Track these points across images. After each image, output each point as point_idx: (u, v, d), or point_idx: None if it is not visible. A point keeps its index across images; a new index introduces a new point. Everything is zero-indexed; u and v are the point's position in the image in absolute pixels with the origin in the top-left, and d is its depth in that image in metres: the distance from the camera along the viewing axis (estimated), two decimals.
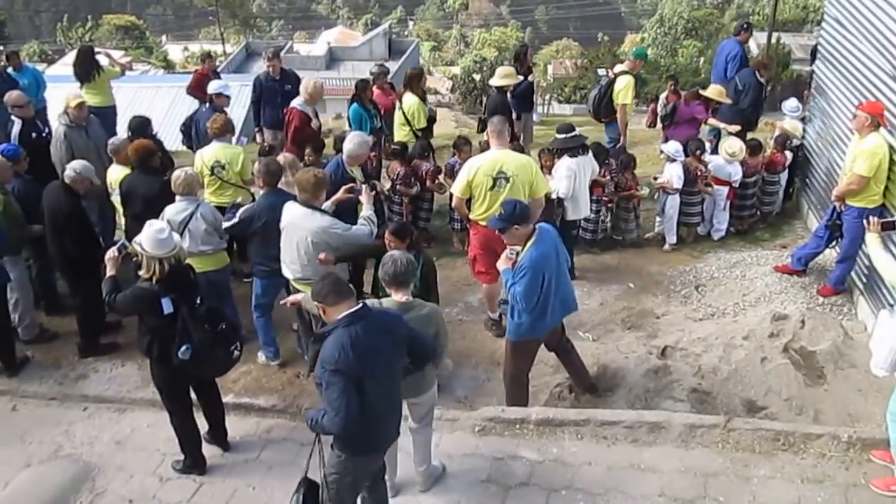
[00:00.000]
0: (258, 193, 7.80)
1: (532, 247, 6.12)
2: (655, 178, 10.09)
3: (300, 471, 6.05)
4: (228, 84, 10.78)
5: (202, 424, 6.43)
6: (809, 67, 12.63)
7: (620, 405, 7.00)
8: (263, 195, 7.29)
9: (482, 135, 11.07)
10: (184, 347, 5.66)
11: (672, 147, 9.84)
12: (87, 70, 11.08)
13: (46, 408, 7.38)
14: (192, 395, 6.29)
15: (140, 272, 5.74)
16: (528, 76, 12.48)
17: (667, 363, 7.49)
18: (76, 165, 7.75)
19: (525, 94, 11.90)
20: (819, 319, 7.91)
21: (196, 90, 12.63)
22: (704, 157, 10.00)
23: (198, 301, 5.87)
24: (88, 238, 7.78)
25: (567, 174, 8.68)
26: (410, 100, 10.92)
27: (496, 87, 10.88)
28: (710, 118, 10.97)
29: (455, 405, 7.15)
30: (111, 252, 5.96)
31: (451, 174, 9.79)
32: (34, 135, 9.22)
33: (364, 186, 7.21)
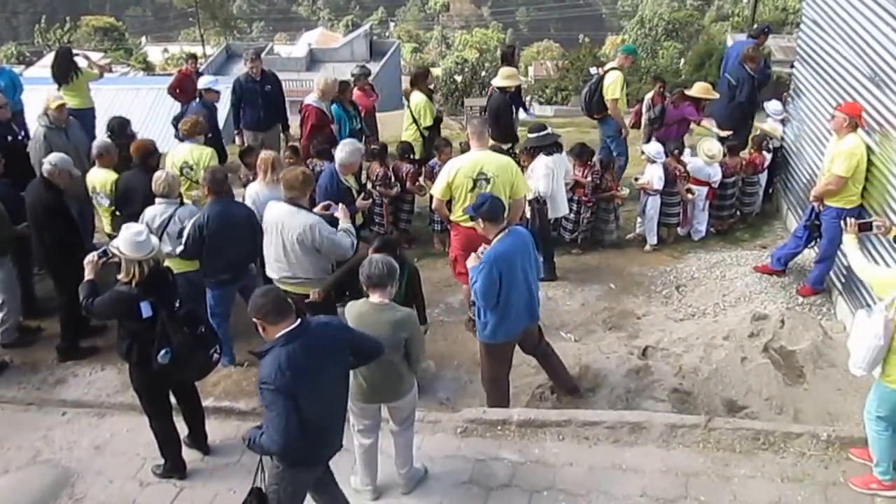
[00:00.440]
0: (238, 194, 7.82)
1: (495, 244, 6.18)
2: (636, 179, 10.13)
3: None
4: (218, 79, 10.70)
5: (182, 428, 6.38)
6: (789, 69, 12.71)
7: (602, 406, 7.01)
8: (209, 204, 7.16)
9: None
10: (163, 351, 5.61)
11: (653, 148, 9.88)
12: (66, 72, 10.98)
13: (25, 413, 7.29)
14: (172, 399, 6.24)
15: (119, 276, 5.70)
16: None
17: (648, 363, 7.52)
18: (52, 158, 7.72)
19: (512, 95, 11.90)
20: (798, 319, 7.96)
21: (177, 90, 12.55)
22: (683, 159, 10.06)
23: (177, 304, 5.83)
24: (71, 232, 7.74)
25: (545, 172, 8.70)
26: (417, 98, 10.92)
27: (498, 88, 10.85)
28: (704, 120, 11.03)
29: (437, 407, 7.15)
30: (91, 256, 5.91)
31: (432, 176, 9.78)
32: (9, 137, 9.13)
33: (341, 206, 7.04)
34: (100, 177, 8.20)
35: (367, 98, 12.13)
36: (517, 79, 11.27)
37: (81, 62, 11.30)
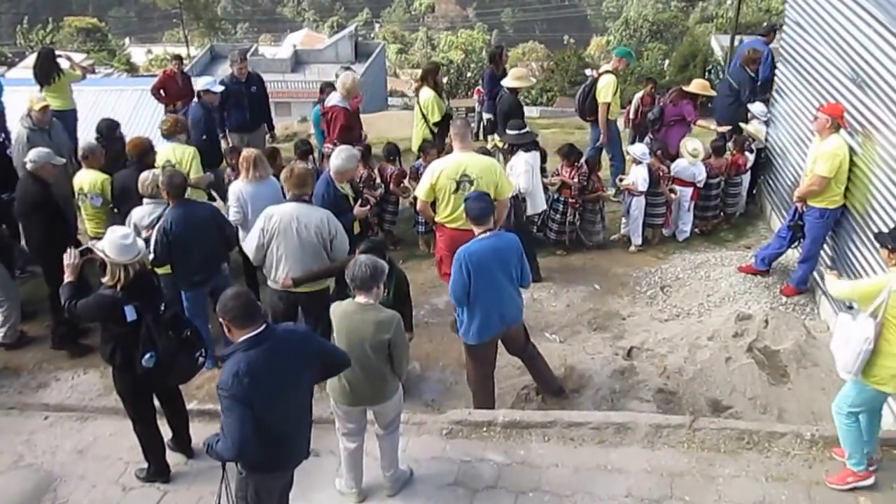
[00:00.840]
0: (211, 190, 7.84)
1: (471, 242, 6.29)
2: (621, 180, 10.15)
3: None
4: (216, 81, 10.67)
5: (166, 432, 6.34)
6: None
7: (587, 406, 7.03)
8: (171, 208, 7.11)
9: (492, 139, 11.09)
10: (148, 355, 5.57)
11: (638, 149, 9.89)
12: (47, 73, 10.89)
13: (6, 417, 7.22)
14: (156, 402, 6.20)
15: (103, 278, 5.65)
16: (504, 77, 12.49)
17: (633, 364, 7.54)
18: (31, 155, 7.79)
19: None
20: (782, 319, 8.01)
21: (161, 91, 12.48)
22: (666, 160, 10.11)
23: (162, 308, 5.79)
24: (60, 224, 7.77)
25: (525, 168, 8.72)
26: (426, 94, 10.91)
27: (508, 89, 10.81)
28: (700, 120, 11.07)
29: (422, 408, 7.14)
30: (71, 256, 5.86)
31: (417, 177, 9.76)
32: None
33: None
34: (88, 178, 8.17)
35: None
36: (528, 80, 11.25)
37: (64, 63, 11.22)
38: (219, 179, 9.71)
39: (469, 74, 46.52)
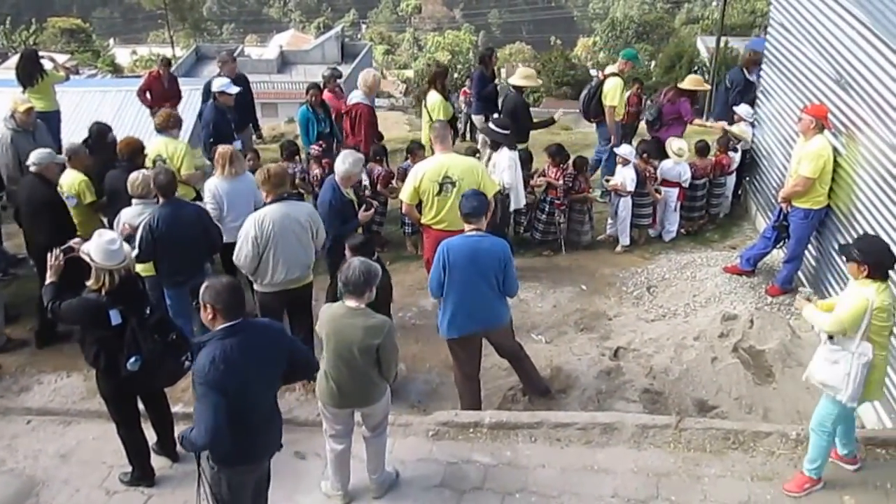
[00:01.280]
0: (203, 188, 7.86)
1: (455, 237, 6.35)
2: (608, 181, 10.16)
3: None
4: (231, 82, 10.65)
5: (150, 435, 6.29)
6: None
7: (573, 407, 7.03)
8: (159, 206, 7.13)
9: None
10: (133, 359, 5.53)
11: (625, 150, 9.91)
12: (31, 74, 10.82)
13: None
14: (140, 406, 6.15)
15: (88, 283, 5.61)
16: (494, 79, 12.47)
17: (619, 364, 7.55)
18: (34, 158, 7.83)
19: (491, 97, 11.92)
20: (767, 319, 8.04)
21: (146, 92, 12.40)
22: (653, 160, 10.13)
23: (147, 312, 5.75)
24: (66, 224, 7.72)
25: (509, 164, 8.75)
26: (434, 97, 10.91)
27: (514, 87, 10.82)
28: (696, 119, 11.11)
29: (408, 410, 7.13)
30: (54, 257, 5.82)
31: (405, 178, 9.74)
32: None
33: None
34: (67, 178, 8.16)
35: (338, 100, 12.07)
36: (535, 79, 11.25)
37: (47, 64, 11.15)
38: None
39: (456, 75, 46.45)
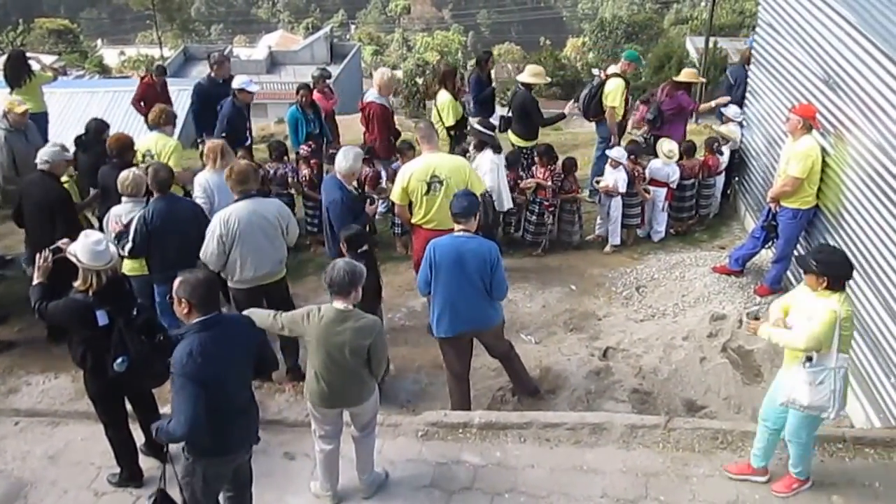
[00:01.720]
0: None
1: (446, 236, 6.38)
2: (598, 182, 10.15)
3: None
4: (252, 80, 10.69)
5: (138, 436, 6.26)
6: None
7: (563, 407, 7.04)
8: (154, 200, 7.10)
9: (505, 135, 11.09)
10: (119, 360, 5.50)
11: (617, 153, 9.93)
12: (18, 75, 10.75)
13: None
14: (128, 407, 6.13)
15: (75, 283, 5.58)
16: (491, 82, 12.42)
17: (608, 364, 7.56)
18: (44, 155, 7.81)
19: (487, 100, 11.91)
20: None
21: (141, 102, 12.32)
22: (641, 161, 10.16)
23: (134, 312, 5.72)
24: (76, 221, 7.79)
25: (491, 167, 8.78)
26: (444, 97, 10.91)
27: (523, 84, 10.83)
28: (701, 105, 11.19)
29: (398, 410, 7.12)
30: (43, 258, 5.79)
31: (394, 178, 9.74)
32: None
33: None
34: None
35: (327, 101, 12.06)
36: (544, 77, 11.25)
37: (34, 65, 11.09)
38: None
39: None
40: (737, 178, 10.90)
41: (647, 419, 6.54)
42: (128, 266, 7.08)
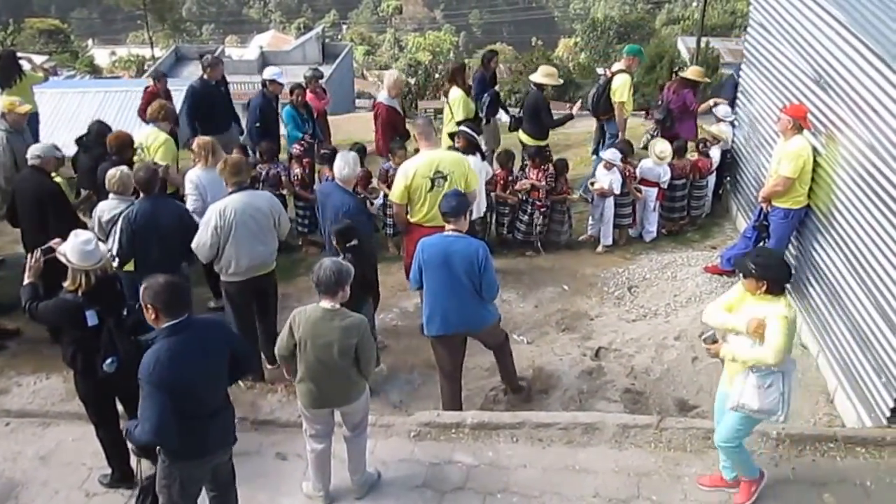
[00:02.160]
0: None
1: (435, 235, 6.40)
2: (592, 184, 10.14)
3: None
4: (282, 71, 10.75)
5: None
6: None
7: (555, 407, 7.05)
8: (140, 200, 7.07)
9: (516, 133, 11.18)
10: (109, 360, 5.49)
11: (611, 154, 9.95)
12: (9, 75, 10.71)
13: None
14: (119, 407, 6.10)
15: (65, 283, 5.56)
16: (495, 83, 12.38)
17: (600, 364, 7.57)
18: (36, 151, 7.86)
19: (492, 100, 11.90)
20: None
21: (146, 112, 12.24)
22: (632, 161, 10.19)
23: (125, 312, 5.70)
24: (73, 217, 7.79)
25: (478, 171, 8.72)
26: (455, 93, 10.91)
27: (536, 84, 10.86)
28: (701, 105, 11.24)
29: (390, 411, 7.12)
30: (34, 259, 5.77)
31: (385, 178, 9.73)
32: None
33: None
34: None
35: (319, 101, 12.04)
36: (556, 79, 11.26)
37: (25, 65, 11.05)
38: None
39: (437, 76, 46.36)
40: (728, 178, 10.92)
41: (639, 419, 6.55)
42: None
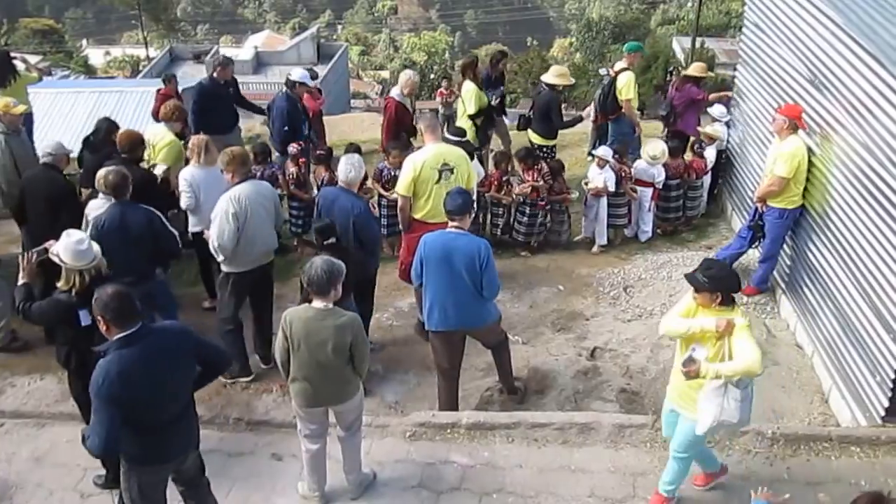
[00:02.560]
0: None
1: (437, 232, 6.42)
2: (586, 184, 10.14)
3: (229, 481, 5.98)
4: (308, 73, 10.95)
5: None
6: (732, 72, 12.93)
7: (551, 407, 7.05)
8: (110, 205, 6.95)
9: (525, 133, 11.21)
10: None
11: (602, 151, 9.96)
12: (3, 75, 10.64)
13: None
14: None
15: (58, 283, 5.54)
16: (502, 83, 12.36)
17: (596, 364, 7.57)
18: (49, 148, 7.88)
19: (500, 100, 11.90)
20: None
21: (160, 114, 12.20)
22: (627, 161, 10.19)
23: None
24: (81, 214, 7.66)
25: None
26: (468, 87, 10.93)
27: (548, 84, 10.89)
28: (711, 96, 11.29)
29: (385, 411, 7.11)
30: (27, 261, 5.76)
31: (380, 178, 9.73)
32: None
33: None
34: None
35: (315, 101, 12.02)
36: (568, 78, 11.30)
37: (19, 65, 11.01)
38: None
39: (432, 76, 46.40)
40: (723, 179, 10.93)
41: (635, 419, 6.56)
42: None
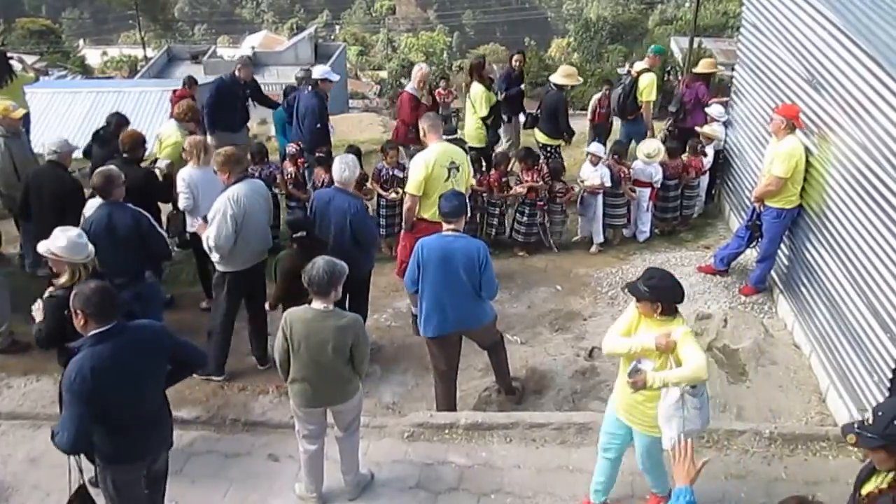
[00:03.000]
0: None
1: (434, 235, 6.39)
2: (582, 182, 10.14)
3: (226, 482, 5.96)
4: (332, 69, 11.06)
5: None
6: (730, 72, 12.98)
7: (549, 407, 7.04)
8: (98, 206, 6.94)
9: (532, 132, 11.28)
10: None
11: (595, 147, 9.98)
12: (0, 76, 10.66)
13: None
14: None
15: (61, 280, 5.53)
16: (521, 81, 12.35)
17: (594, 364, 7.56)
18: (54, 146, 7.93)
19: (516, 99, 11.90)
20: (741, 318, 8.08)
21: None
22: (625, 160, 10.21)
23: None
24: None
25: None
26: (476, 89, 10.99)
27: (556, 85, 10.94)
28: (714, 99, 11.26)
29: (383, 412, 7.10)
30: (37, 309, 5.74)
31: (379, 179, 9.72)
32: None
33: None
34: None
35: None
36: (576, 78, 11.33)
37: (16, 65, 10.99)
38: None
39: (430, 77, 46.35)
40: (721, 179, 10.93)
41: None
42: None
